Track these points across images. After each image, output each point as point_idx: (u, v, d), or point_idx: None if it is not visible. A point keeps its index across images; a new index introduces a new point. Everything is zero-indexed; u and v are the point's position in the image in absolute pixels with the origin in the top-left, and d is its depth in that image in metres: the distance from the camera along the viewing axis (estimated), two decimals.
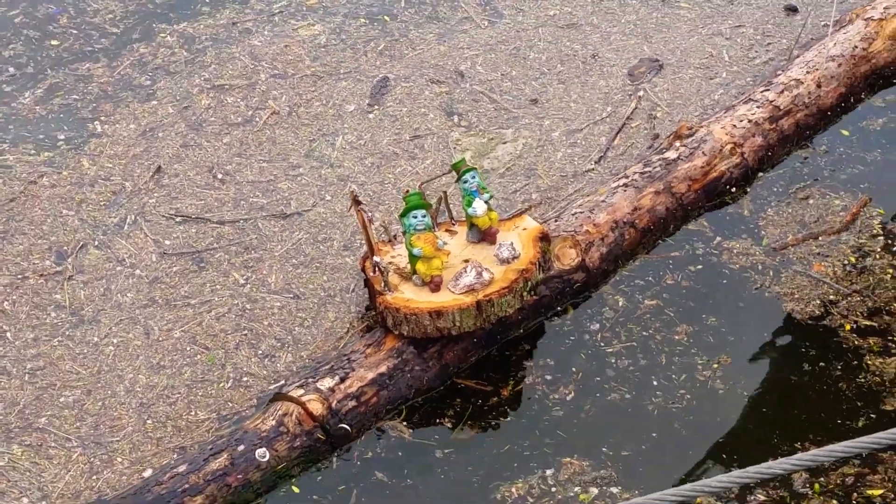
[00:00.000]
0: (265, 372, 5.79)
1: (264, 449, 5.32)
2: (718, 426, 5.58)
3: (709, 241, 6.38)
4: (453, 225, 6.01)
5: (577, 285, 6.09)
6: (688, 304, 6.08)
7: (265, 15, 7.88)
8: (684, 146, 6.54)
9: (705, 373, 5.75)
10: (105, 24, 7.79)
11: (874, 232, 6.39)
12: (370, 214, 5.68)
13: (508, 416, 5.65)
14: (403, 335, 5.65)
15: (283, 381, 5.73)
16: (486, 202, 5.78)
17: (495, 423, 5.62)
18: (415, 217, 5.59)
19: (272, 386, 5.72)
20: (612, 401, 5.68)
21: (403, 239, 5.74)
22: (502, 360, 5.86)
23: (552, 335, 5.97)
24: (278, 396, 5.52)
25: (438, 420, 5.62)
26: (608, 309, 6.06)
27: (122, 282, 6.17)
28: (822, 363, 5.79)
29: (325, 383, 5.50)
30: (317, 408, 5.42)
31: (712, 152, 6.56)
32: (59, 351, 5.86)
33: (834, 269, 6.20)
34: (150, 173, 6.73)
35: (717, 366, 5.77)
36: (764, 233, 6.42)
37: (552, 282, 5.98)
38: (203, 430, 5.54)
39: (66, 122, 7.10)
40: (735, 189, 6.62)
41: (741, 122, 6.69)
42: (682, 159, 6.50)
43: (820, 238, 6.37)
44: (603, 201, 6.29)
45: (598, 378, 5.76)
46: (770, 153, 6.75)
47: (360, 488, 5.37)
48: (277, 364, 5.82)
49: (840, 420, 5.54)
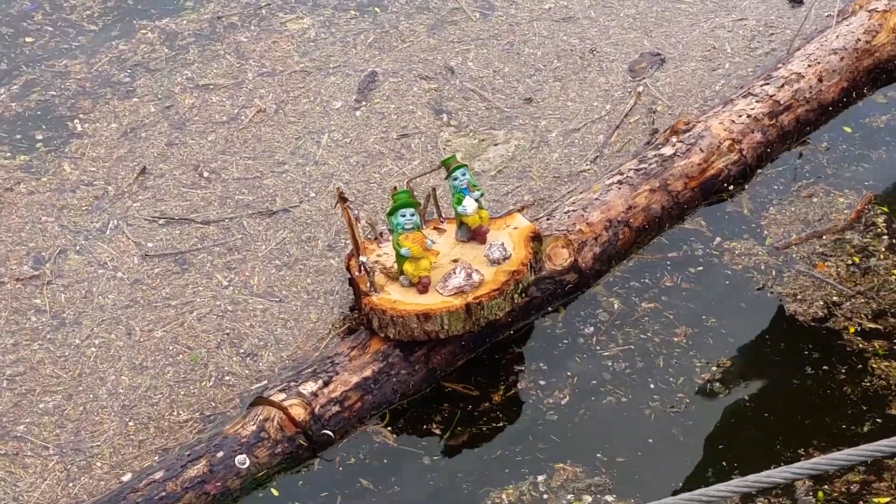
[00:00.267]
0: (247, 371, 5.71)
1: (244, 455, 5.23)
2: (718, 431, 5.49)
3: (708, 241, 6.28)
4: (442, 223, 5.90)
5: (569, 286, 5.98)
6: (687, 305, 5.98)
7: (252, 8, 7.74)
8: (681, 142, 6.43)
9: (704, 376, 5.66)
10: (82, 21, 7.65)
11: (879, 231, 6.31)
12: (356, 212, 5.58)
13: (500, 422, 5.55)
14: (389, 338, 5.55)
15: (265, 381, 5.64)
16: (476, 200, 5.67)
17: (486, 429, 5.52)
18: (403, 216, 5.50)
19: (254, 386, 5.62)
20: (608, 405, 5.58)
21: (390, 237, 5.62)
22: (492, 364, 5.76)
23: (545, 338, 5.86)
24: (259, 401, 5.42)
25: (426, 426, 5.52)
26: (603, 311, 5.97)
27: (103, 284, 6.08)
28: (825, 366, 5.70)
29: (308, 387, 5.40)
30: (299, 413, 5.33)
31: (710, 149, 6.44)
32: (40, 355, 5.77)
33: (837, 270, 6.12)
34: (135, 175, 6.63)
35: (716, 369, 5.68)
36: (766, 232, 6.33)
37: (543, 283, 5.88)
38: (186, 431, 5.46)
39: (44, 121, 6.99)
40: (733, 187, 6.52)
41: (740, 117, 6.59)
42: (678, 156, 6.39)
43: (824, 237, 6.29)
44: (596, 199, 6.18)
45: (594, 382, 5.67)
46: (769, 150, 6.65)
47: (343, 495, 5.28)
48: (259, 363, 5.74)
49: (845, 425, 5.46)
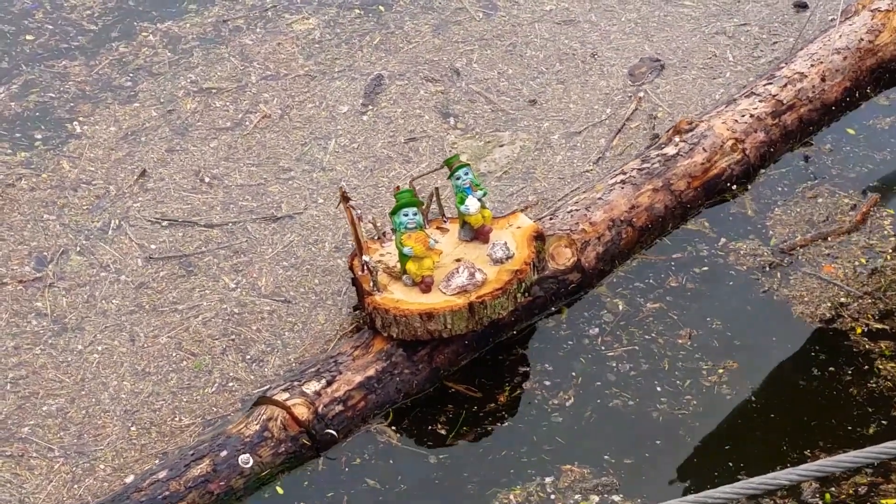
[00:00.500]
0: (252, 377, 5.67)
1: (248, 455, 5.21)
2: (725, 433, 5.46)
3: (712, 242, 6.25)
4: (444, 222, 5.88)
5: (573, 286, 5.95)
6: (692, 306, 5.95)
7: (257, 10, 7.70)
8: (684, 141, 6.40)
9: (711, 378, 5.63)
10: (82, 21, 7.63)
11: (885, 232, 6.28)
12: (359, 212, 5.57)
13: (506, 422, 5.52)
14: (393, 337, 5.52)
15: (268, 385, 5.60)
16: (479, 200, 5.65)
17: (492, 429, 5.49)
18: (406, 215, 5.48)
19: (257, 390, 5.59)
20: (615, 407, 5.55)
21: (393, 237, 5.59)
22: (496, 366, 5.73)
23: (549, 339, 5.83)
24: (262, 400, 5.40)
25: (430, 426, 5.49)
26: (607, 312, 5.94)
27: (106, 288, 6.05)
28: (832, 368, 5.67)
29: (311, 387, 5.38)
30: (302, 412, 5.30)
31: (713, 148, 6.41)
32: (42, 360, 5.74)
33: (844, 271, 6.08)
34: (135, 177, 6.60)
35: (722, 371, 5.65)
36: (772, 232, 6.29)
37: (546, 282, 5.85)
38: (187, 436, 5.43)
39: (43, 121, 6.96)
40: (736, 187, 6.49)
41: (743, 116, 6.55)
42: (681, 155, 6.36)
43: (829, 238, 6.26)
44: (599, 199, 6.15)
45: (599, 383, 5.64)
46: (772, 149, 6.62)
47: (350, 495, 5.25)
48: (265, 369, 5.70)
49: (851, 426, 5.43)
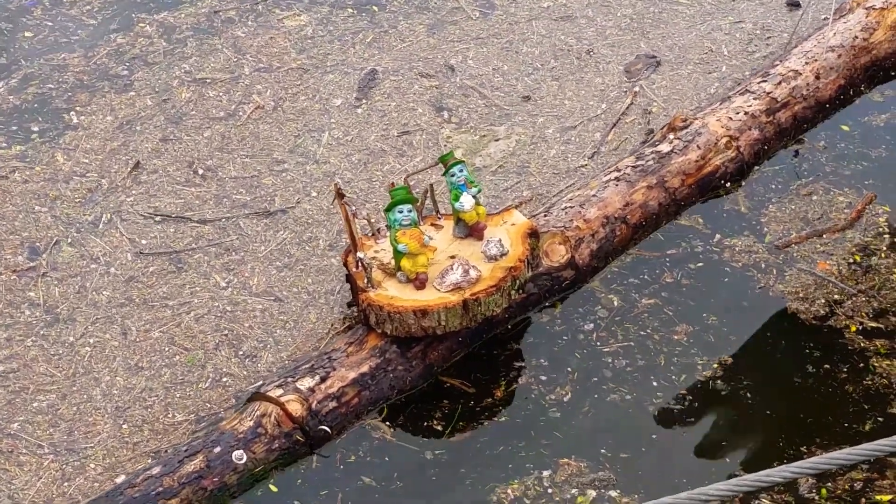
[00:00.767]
0: (245, 372, 5.66)
1: (241, 451, 5.19)
2: (721, 429, 5.46)
3: (707, 238, 6.24)
4: (439, 219, 5.86)
5: (566, 283, 5.94)
6: (687, 302, 5.95)
7: (249, 4, 7.70)
8: (678, 139, 6.39)
9: (706, 373, 5.62)
10: (82, 16, 7.61)
11: (880, 230, 6.27)
12: (354, 208, 5.54)
13: (502, 417, 5.52)
14: (386, 334, 5.51)
15: (261, 381, 5.59)
16: (473, 197, 5.63)
17: (488, 424, 5.48)
18: (400, 212, 5.46)
19: (251, 386, 5.57)
20: (612, 402, 5.55)
21: (388, 233, 5.57)
22: (491, 361, 5.72)
23: (543, 335, 5.83)
24: (256, 396, 5.38)
25: (426, 422, 5.48)
26: (602, 308, 5.93)
27: (96, 280, 6.03)
28: (827, 365, 5.67)
29: (305, 383, 5.36)
30: (296, 408, 5.28)
31: (707, 146, 6.40)
32: (33, 352, 5.72)
33: (839, 268, 6.08)
34: (128, 169, 6.57)
35: (717, 366, 5.64)
36: (766, 229, 6.29)
37: (540, 279, 5.84)
38: (180, 433, 5.41)
39: (41, 113, 6.94)
40: (730, 184, 6.48)
41: (737, 114, 6.55)
42: (675, 152, 6.35)
43: (824, 236, 6.25)
44: (594, 196, 6.13)
45: (596, 378, 5.64)
46: (766, 147, 6.61)
47: (345, 493, 5.23)
48: (258, 364, 5.69)
49: (847, 423, 5.43)
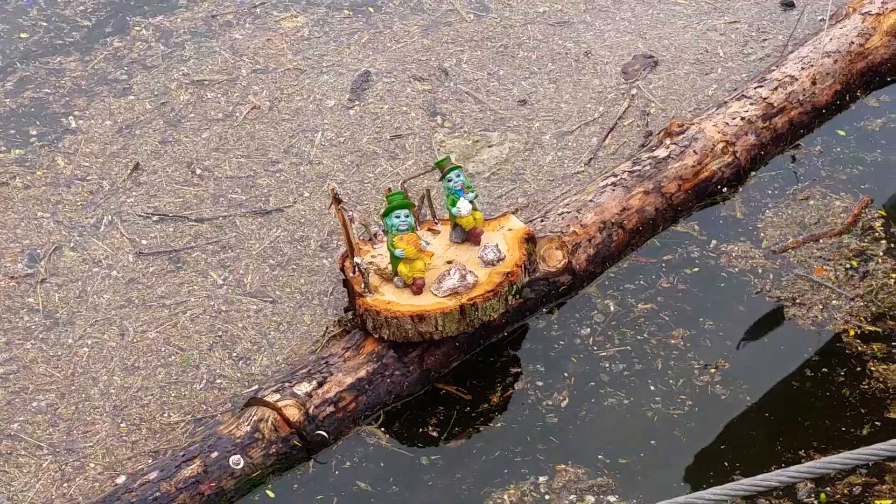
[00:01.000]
0: (239, 374, 5.67)
1: (238, 456, 5.19)
2: (719, 433, 5.46)
3: (703, 244, 6.24)
4: (436, 224, 5.87)
5: (563, 288, 5.95)
6: (683, 307, 5.95)
7: (246, 7, 7.70)
8: (675, 144, 6.40)
9: (703, 378, 5.63)
10: (76, 17, 7.61)
11: (876, 234, 6.27)
12: (350, 213, 5.54)
13: (498, 423, 5.52)
14: (384, 339, 5.52)
15: (256, 385, 5.60)
16: (470, 202, 5.64)
17: (484, 430, 5.49)
18: (397, 217, 5.45)
19: (247, 390, 5.59)
20: (609, 406, 5.55)
21: (385, 238, 5.59)
22: (487, 367, 5.72)
23: (540, 340, 5.82)
24: (253, 401, 5.38)
25: (422, 428, 5.49)
26: (598, 313, 5.92)
27: (97, 283, 6.04)
28: (824, 369, 5.67)
29: (302, 388, 5.37)
30: (293, 413, 5.29)
31: (704, 151, 6.40)
32: (32, 354, 5.73)
33: (836, 273, 6.07)
34: (129, 171, 6.59)
35: (714, 371, 5.66)
36: (763, 234, 6.29)
37: (537, 284, 5.85)
38: (178, 433, 5.43)
39: (38, 117, 6.94)
40: (726, 189, 6.48)
41: (734, 119, 6.55)
42: (672, 158, 6.36)
43: (821, 240, 6.26)
44: (590, 201, 6.15)
45: (593, 383, 5.64)
46: (763, 152, 6.61)
47: (340, 497, 5.24)
48: (252, 367, 5.70)
49: (844, 428, 5.43)
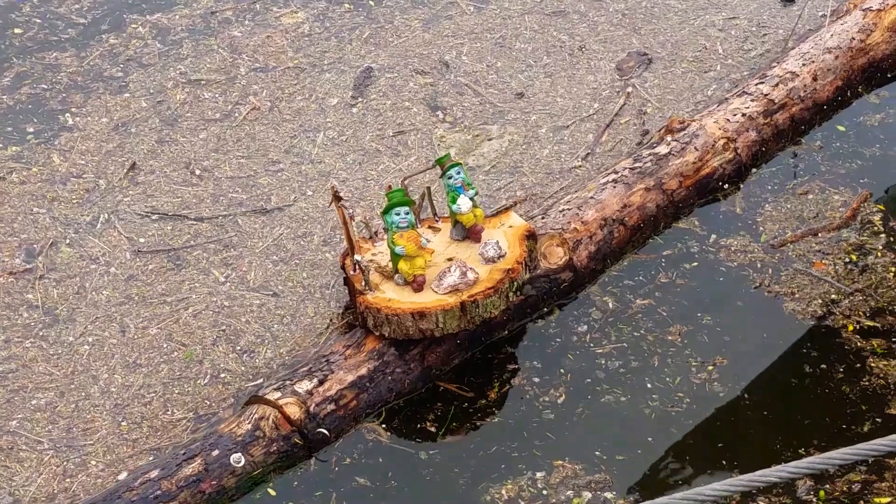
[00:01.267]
0: (243, 368, 5.66)
1: (239, 454, 5.20)
2: (718, 430, 5.46)
3: (703, 239, 6.24)
4: (437, 221, 5.86)
5: (565, 285, 5.94)
6: (682, 302, 5.95)
7: (246, 3, 7.67)
8: (675, 141, 6.39)
9: (700, 374, 5.62)
10: (71, 14, 7.59)
11: (875, 228, 6.28)
12: (351, 211, 5.54)
13: (496, 419, 5.52)
14: (384, 336, 5.51)
15: (261, 378, 5.60)
16: (471, 199, 5.64)
17: (482, 426, 5.49)
18: (397, 214, 5.46)
19: (251, 384, 5.58)
20: (606, 403, 5.55)
21: (385, 236, 5.58)
22: (485, 364, 5.73)
23: (537, 337, 5.83)
24: (254, 399, 5.38)
25: (420, 424, 5.49)
26: (596, 310, 5.93)
27: (96, 280, 6.03)
28: (823, 365, 5.67)
29: (303, 386, 5.37)
30: (294, 411, 5.29)
31: (704, 147, 6.40)
32: (32, 352, 5.72)
33: (835, 268, 6.08)
34: (125, 170, 6.57)
35: (712, 367, 5.65)
36: (762, 229, 6.29)
37: (538, 281, 5.84)
38: (179, 430, 5.42)
39: (35, 114, 6.93)
40: (728, 185, 6.48)
41: (734, 116, 6.55)
42: (673, 154, 6.35)
43: (819, 234, 6.26)
44: (591, 198, 6.14)
45: (589, 380, 5.64)
46: (764, 148, 6.60)
47: (339, 493, 5.24)
48: (256, 360, 5.69)
49: (845, 425, 5.44)
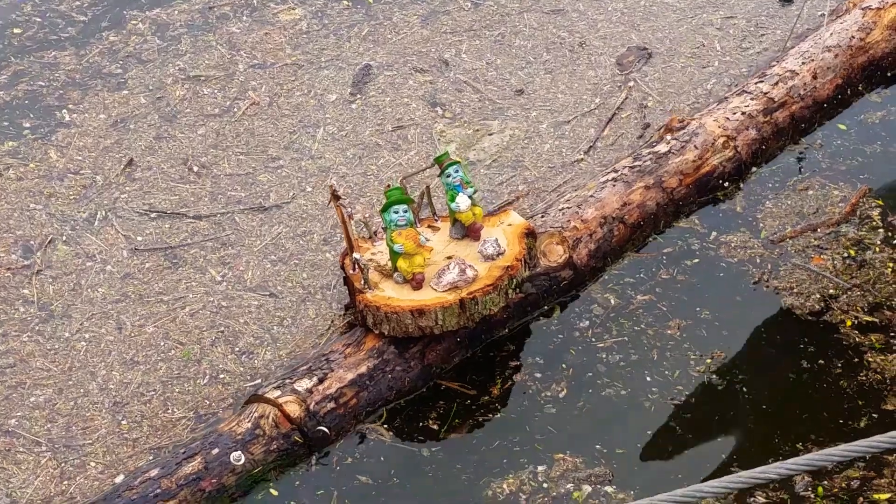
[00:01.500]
0: (242, 369, 5.66)
1: (239, 452, 5.20)
2: (716, 424, 5.47)
3: (703, 237, 6.25)
4: (436, 220, 5.86)
5: (565, 283, 5.94)
6: (681, 298, 5.96)
7: None
8: (675, 139, 6.39)
9: (699, 368, 5.63)
10: (71, 12, 7.59)
11: (874, 224, 6.28)
12: (350, 210, 5.53)
13: (498, 414, 5.53)
14: (384, 334, 5.51)
15: (260, 378, 5.59)
16: (469, 197, 5.63)
17: (483, 421, 5.49)
18: (396, 212, 5.46)
19: (250, 384, 5.56)
20: (607, 397, 5.56)
21: (384, 235, 5.57)
22: (487, 362, 5.73)
23: (539, 334, 5.83)
24: (254, 398, 5.38)
25: (422, 423, 5.49)
26: (597, 306, 5.93)
27: (92, 277, 6.02)
28: (821, 360, 5.67)
29: (303, 384, 5.37)
30: (294, 410, 5.29)
31: (704, 146, 6.40)
32: (29, 347, 5.72)
33: (833, 263, 6.08)
34: (122, 166, 6.55)
35: (710, 361, 5.66)
36: (762, 225, 6.30)
37: (538, 279, 5.84)
38: (180, 429, 5.41)
39: (32, 110, 6.93)
40: (728, 184, 6.48)
41: (734, 114, 6.55)
42: (673, 153, 6.35)
43: (818, 230, 6.26)
44: (591, 196, 6.14)
45: (590, 374, 5.65)
46: (764, 147, 6.60)
47: (341, 491, 5.24)
48: (255, 361, 5.68)
49: (842, 420, 5.44)
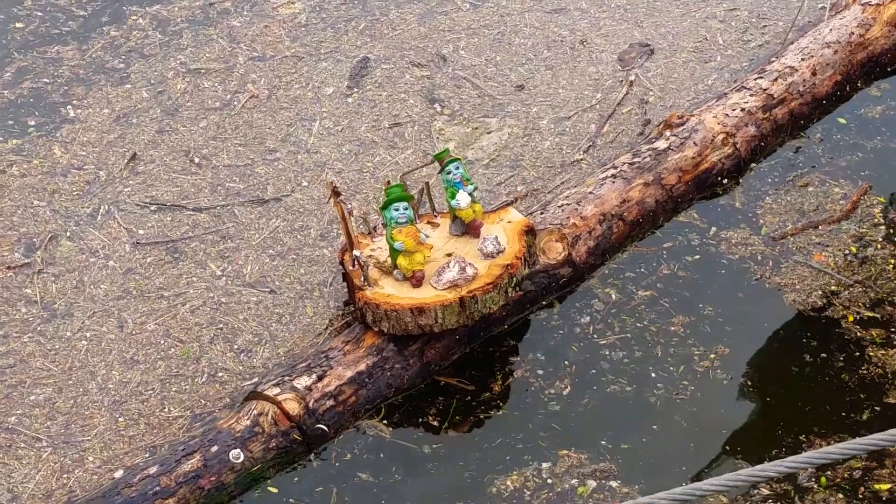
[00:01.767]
0: (240, 368, 5.66)
1: (238, 450, 5.20)
2: (721, 418, 5.48)
3: (703, 232, 6.24)
4: (435, 217, 5.85)
5: (564, 280, 5.94)
6: (683, 294, 5.96)
7: None
8: (674, 136, 6.39)
9: (703, 364, 5.64)
10: (71, 7, 7.58)
11: (875, 220, 6.29)
12: (349, 206, 5.53)
13: (500, 411, 5.53)
14: (383, 332, 5.51)
15: (257, 378, 5.60)
16: (469, 194, 5.63)
17: (485, 418, 5.50)
18: (396, 210, 5.45)
19: (247, 383, 5.57)
20: (611, 393, 5.57)
21: (384, 232, 5.58)
22: (486, 357, 5.73)
23: (540, 330, 5.83)
24: (253, 395, 5.38)
25: (422, 419, 5.49)
26: (598, 301, 5.93)
27: (94, 273, 6.02)
28: (823, 354, 5.69)
29: (302, 382, 5.37)
30: (293, 407, 5.29)
31: (704, 142, 6.40)
32: (30, 347, 5.72)
33: (835, 259, 6.09)
34: (126, 161, 6.56)
35: (714, 357, 5.67)
36: (763, 221, 6.30)
37: (537, 276, 5.84)
38: (176, 428, 5.42)
39: (37, 107, 6.93)
40: (727, 181, 6.48)
41: (733, 111, 6.54)
42: (672, 149, 6.35)
43: (820, 227, 6.26)
44: (590, 193, 6.13)
45: (594, 371, 5.65)
46: (763, 143, 6.60)
47: (341, 489, 5.25)
48: (254, 359, 5.69)
49: (844, 413, 5.47)
